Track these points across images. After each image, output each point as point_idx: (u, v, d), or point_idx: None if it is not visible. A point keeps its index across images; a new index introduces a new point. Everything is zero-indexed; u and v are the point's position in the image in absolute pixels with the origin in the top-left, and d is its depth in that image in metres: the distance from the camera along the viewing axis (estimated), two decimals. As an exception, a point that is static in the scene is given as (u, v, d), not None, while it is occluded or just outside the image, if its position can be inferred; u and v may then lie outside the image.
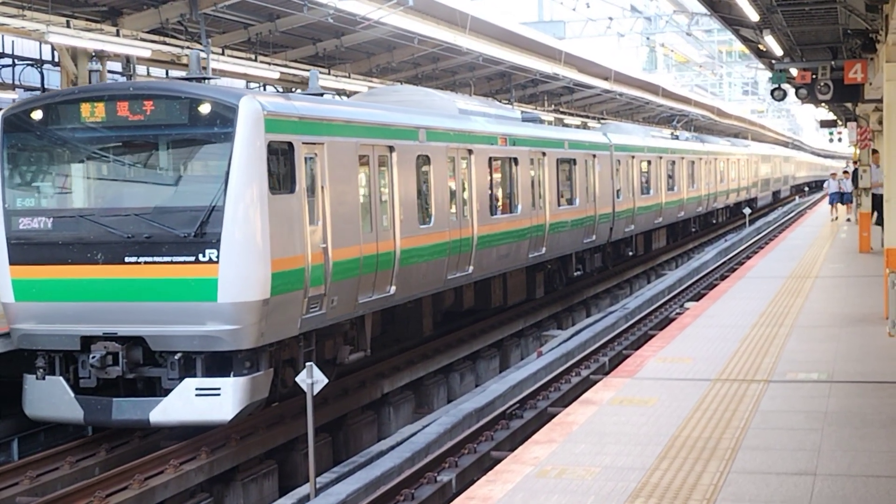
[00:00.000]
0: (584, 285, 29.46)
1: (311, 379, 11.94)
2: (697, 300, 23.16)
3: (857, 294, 19.33)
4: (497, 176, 21.43)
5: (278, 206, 13.07)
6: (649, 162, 34.04)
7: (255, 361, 12.89)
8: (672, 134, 42.75)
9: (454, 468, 12.69)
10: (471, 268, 19.32)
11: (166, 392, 12.64)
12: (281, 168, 13.36)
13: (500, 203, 21.43)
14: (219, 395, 12.50)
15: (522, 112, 27.55)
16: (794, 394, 11.51)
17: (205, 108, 12.85)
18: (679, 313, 21.96)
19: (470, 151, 19.57)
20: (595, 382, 14.29)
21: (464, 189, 19.44)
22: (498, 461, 11.15)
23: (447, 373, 19.95)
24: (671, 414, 10.73)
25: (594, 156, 27.47)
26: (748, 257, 32.99)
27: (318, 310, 13.92)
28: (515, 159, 21.91)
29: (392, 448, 14.19)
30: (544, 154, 23.59)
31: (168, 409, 12.57)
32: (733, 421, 10.37)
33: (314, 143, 14.07)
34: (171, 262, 12.65)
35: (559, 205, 24.52)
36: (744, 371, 12.73)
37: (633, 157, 31.68)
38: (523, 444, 10.21)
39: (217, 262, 12.51)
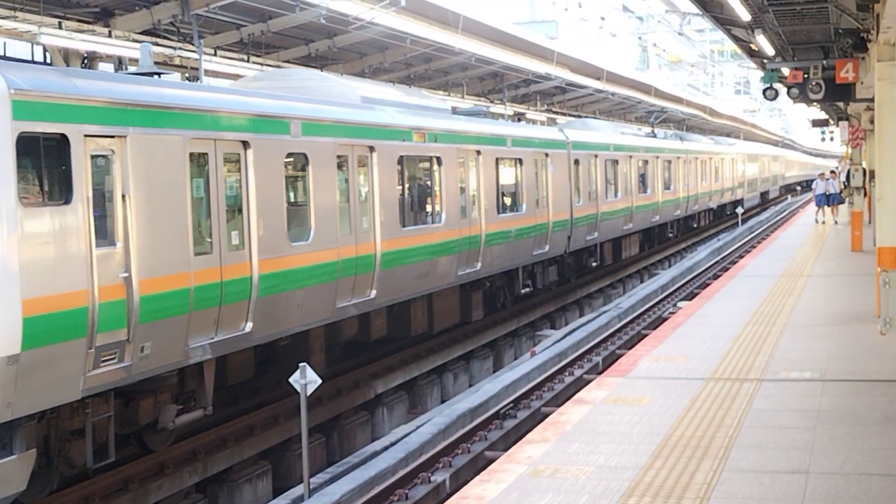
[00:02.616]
0: (578, 285, 29.47)
1: (305, 379, 11.96)
2: (690, 299, 23.22)
3: (849, 293, 19.38)
4: (411, 179, 18.23)
5: (38, 222, 9.71)
6: (616, 162, 30.98)
7: (5, 442, 9.58)
8: (644, 131, 41.24)
9: (448, 468, 12.70)
10: (373, 292, 16.06)
11: None
12: (44, 169, 10.03)
13: (415, 212, 18.28)
14: None
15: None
16: (787, 392, 11.54)
17: None
18: (672, 312, 22.01)
19: (371, 149, 16.34)
20: (588, 382, 14.34)
21: (362, 195, 16.12)
22: (492, 461, 11.16)
23: (441, 373, 19.98)
24: (664, 413, 10.76)
25: (546, 154, 24.51)
26: (741, 256, 33.08)
27: (115, 362, 10.59)
28: (438, 158, 18.79)
29: (386, 448, 14.21)
30: (479, 152, 20.56)
31: None
32: (726, 420, 10.40)
33: (108, 136, 10.65)
34: None
35: (499, 212, 21.49)
36: (737, 370, 12.76)
37: (595, 155, 28.65)
38: (517, 443, 10.23)
39: None
